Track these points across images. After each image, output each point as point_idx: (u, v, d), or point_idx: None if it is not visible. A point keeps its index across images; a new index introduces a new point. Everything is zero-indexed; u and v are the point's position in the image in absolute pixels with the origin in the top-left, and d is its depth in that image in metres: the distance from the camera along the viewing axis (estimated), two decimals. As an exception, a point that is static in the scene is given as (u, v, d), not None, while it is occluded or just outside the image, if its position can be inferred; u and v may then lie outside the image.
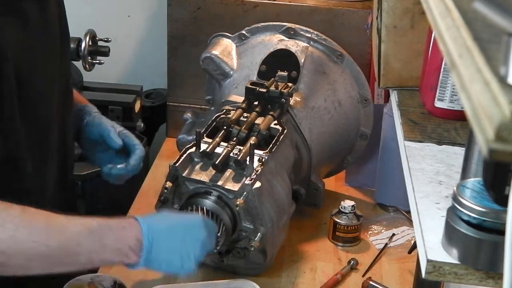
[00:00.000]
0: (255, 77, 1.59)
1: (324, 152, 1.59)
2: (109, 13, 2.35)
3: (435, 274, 0.77)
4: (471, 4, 0.60)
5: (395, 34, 1.20)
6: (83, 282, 1.23)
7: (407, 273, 1.47)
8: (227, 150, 1.34)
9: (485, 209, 0.74)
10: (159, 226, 1.14)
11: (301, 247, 1.54)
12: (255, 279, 1.37)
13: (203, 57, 1.64)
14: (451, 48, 0.59)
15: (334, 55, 1.62)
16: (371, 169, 1.74)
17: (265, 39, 1.65)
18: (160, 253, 1.13)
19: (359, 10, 1.82)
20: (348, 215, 1.55)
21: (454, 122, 1.10)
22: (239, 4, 1.85)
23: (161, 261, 1.13)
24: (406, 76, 1.23)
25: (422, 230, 0.82)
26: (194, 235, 1.18)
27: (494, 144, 0.48)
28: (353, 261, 1.48)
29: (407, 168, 0.98)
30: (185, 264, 1.15)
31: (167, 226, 1.16)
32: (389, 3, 1.17)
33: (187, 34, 1.91)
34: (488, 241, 0.74)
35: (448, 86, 1.09)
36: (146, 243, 1.11)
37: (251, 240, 1.34)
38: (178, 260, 1.15)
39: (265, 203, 1.33)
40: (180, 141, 1.63)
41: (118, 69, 2.40)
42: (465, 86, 0.53)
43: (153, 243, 1.11)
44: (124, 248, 1.09)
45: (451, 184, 0.91)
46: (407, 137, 1.06)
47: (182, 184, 1.35)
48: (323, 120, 1.57)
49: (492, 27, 0.56)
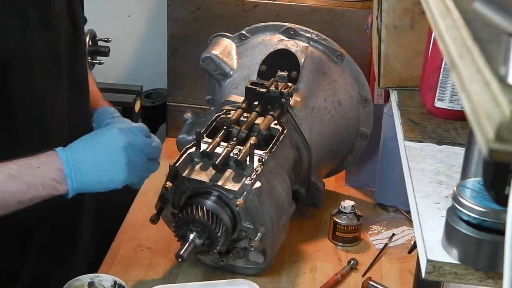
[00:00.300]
0: (255, 77, 1.59)
1: (324, 152, 1.59)
2: (109, 13, 2.35)
3: (435, 274, 0.77)
4: (471, 4, 0.60)
5: (395, 34, 1.19)
6: (83, 282, 1.23)
7: (407, 273, 1.47)
8: (227, 150, 1.34)
9: (485, 209, 0.74)
10: (78, 150, 1.16)
11: (301, 247, 1.54)
12: (255, 279, 1.37)
13: (203, 57, 1.64)
14: (451, 48, 0.59)
15: (334, 55, 1.62)
16: (371, 169, 1.74)
17: (265, 39, 1.65)
18: (87, 175, 1.15)
19: (359, 10, 1.82)
20: (348, 215, 1.55)
21: (454, 122, 1.10)
22: (239, 4, 1.85)
23: (92, 182, 1.16)
24: (406, 76, 1.23)
25: (422, 230, 0.82)
26: (113, 145, 1.17)
27: (494, 144, 0.48)
28: (353, 261, 1.48)
29: (407, 168, 0.98)
30: (118, 175, 1.17)
31: (85, 147, 1.17)
32: (389, 3, 1.17)
33: (187, 34, 1.91)
34: (488, 241, 0.74)
35: (448, 86, 1.09)
36: (68, 170, 1.13)
37: (251, 240, 1.34)
38: (108, 175, 1.16)
39: (265, 203, 1.33)
40: (180, 141, 1.63)
41: (118, 69, 2.40)
42: (465, 86, 0.53)
43: (75, 168, 1.14)
44: (48, 181, 1.12)
45: (451, 184, 0.91)
46: (407, 137, 1.06)
47: (182, 184, 1.35)
48: (323, 120, 1.57)
49: (492, 27, 0.56)
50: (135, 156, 1.19)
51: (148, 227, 1.50)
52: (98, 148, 1.17)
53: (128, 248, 1.51)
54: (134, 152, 1.18)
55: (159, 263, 1.46)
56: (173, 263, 1.44)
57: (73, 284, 1.22)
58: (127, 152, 1.17)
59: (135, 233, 1.56)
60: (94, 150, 1.17)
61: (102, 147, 1.17)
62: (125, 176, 1.18)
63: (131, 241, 1.53)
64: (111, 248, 1.51)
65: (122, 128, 1.20)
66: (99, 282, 1.24)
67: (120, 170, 1.17)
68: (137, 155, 1.19)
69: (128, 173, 1.18)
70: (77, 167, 1.14)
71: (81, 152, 1.16)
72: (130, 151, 1.18)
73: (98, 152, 1.17)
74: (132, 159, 1.18)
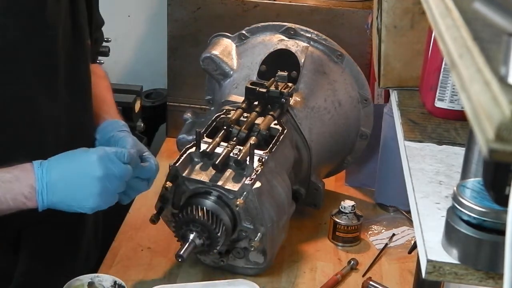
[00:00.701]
0: (255, 77, 1.59)
1: (324, 152, 1.59)
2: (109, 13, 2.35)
3: (435, 274, 0.77)
4: (471, 4, 0.60)
5: (395, 34, 1.19)
6: (83, 282, 1.23)
7: (407, 273, 1.47)
8: (227, 150, 1.34)
9: (485, 209, 0.74)
10: (55, 169, 1.14)
11: (301, 247, 1.54)
12: (255, 279, 1.37)
13: (203, 57, 1.64)
14: (451, 48, 0.59)
15: (334, 55, 1.62)
16: (371, 169, 1.74)
17: (265, 39, 1.65)
18: (58, 197, 1.13)
19: (359, 10, 1.82)
20: (348, 215, 1.55)
21: (454, 122, 1.10)
22: (239, 4, 1.85)
23: (62, 204, 1.14)
24: (406, 76, 1.23)
25: (422, 230, 0.82)
26: (89, 173, 1.14)
27: (494, 144, 0.48)
28: (353, 261, 1.48)
29: (407, 168, 0.98)
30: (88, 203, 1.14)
31: (62, 168, 1.15)
32: (389, 3, 1.17)
33: (187, 34, 1.91)
34: (488, 241, 0.74)
35: (448, 86, 1.09)
36: (40, 188, 1.12)
37: (251, 240, 1.34)
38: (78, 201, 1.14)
39: (265, 203, 1.33)
40: (180, 141, 1.63)
41: (118, 69, 2.40)
42: (465, 86, 0.53)
43: (47, 187, 1.12)
44: (18, 197, 1.11)
45: (451, 184, 0.91)
46: (407, 137, 1.06)
47: (182, 184, 1.35)
48: (323, 120, 1.57)
49: (492, 27, 0.56)
50: (111, 186, 1.15)
51: (148, 227, 1.50)
52: (74, 173, 1.14)
53: (128, 248, 1.51)
54: (111, 182, 1.15)
55: (159, 263, 1.46)
56: (173, 263, 1.44)
57: (73, 284, 1.22)
58: (102, 183, 1.14)
59: (135, 233, 1.56)
60: (70, 173, 1.14)
61: (78, 173, 1.14)
62: (96, 205, 1.15)
63: (131, 241, 1.53)
64: (111, 248, 1.51)
65: (102, 156, 1.15)
66: (99, 282, 1.24)
67: (91, 199, 1.14)
68: (114, 185, 1.16)
69: (100, 202, 1.15)
70: (49, 187, 1.12)
71: (56, 172, 1.13)
72: (107, 182, 1.14)
73: (73, 176, 1.14)
74: (107, 189, 1.15)
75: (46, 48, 1.21)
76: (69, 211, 1.16)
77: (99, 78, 1.48)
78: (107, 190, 1.15)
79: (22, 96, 1.18)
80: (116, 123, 1.37)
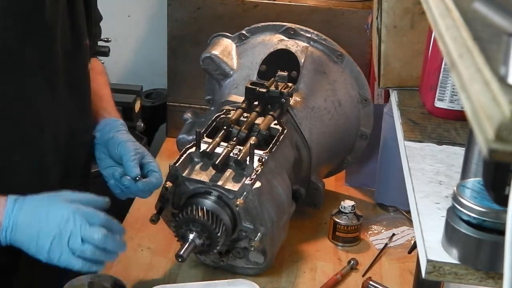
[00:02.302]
0: (255, 77, 1.59)
1: (324, 152, 1.59)
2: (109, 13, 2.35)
3: (435, 274, 0.77)
4: (471, 4, 0.60)
5: (395, 34, 1.19)
6: (83, 282, 1.23)
7: (407, 273, 1.47)
8: (227, 150, 1.34)
9: (485, 209, 0.74)
10: (27, 210, 1.11)
11: (301, 247, 1.54)
12: (255, 279, 1.37)
13: (203, 57, 1.64)
14: (451, 48, 0.59)
15: (334, 55, 1.62)
16: (371, 169, 1.74)
17: (265, 39, 1.65)
18: (21, 237, 1.10)
19: (359, 10, 1.82)
20: (348, 215, 1.55)
21: (454, 122, 1.10)
22: (239, 4, 1.85)
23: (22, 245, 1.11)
24: (406, 76, 1.23)
25: (422, 230, 0.82)
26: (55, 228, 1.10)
27: (494, 144, 0.48)
28: (353, 261, 1.48)
29: (407, 168, 0.98)
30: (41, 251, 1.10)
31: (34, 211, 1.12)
32: (389, 3, 1.17)
33: (187, 34, 1.91)
34: (488, 241, 0.74)
35: (448, 86, 1.09)
36: (6, 224, 1.10)
37: (251, 240, 1.34)
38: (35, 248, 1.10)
39: (265, 203, 1.33)
40: (180, 141, 1.63)
41: (118, 69, 2.40)
42: (465, 86, 0.53)
43: (14, 226, 1.10)
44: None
45: (451, 184, 0.91)
46: (407, 137, 1.06)
47: (182, 184, 1.35)
48: (323, 120, 1.57)
49: (492, 27, 0.56)
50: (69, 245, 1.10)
51: (148, 227, 1.50)
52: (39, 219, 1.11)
53: (128, 248, 1.50)
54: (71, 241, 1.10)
55: (159, 263, 1.46)
56: (173, 263, 1.44)
57: (73, 284, 1.22)
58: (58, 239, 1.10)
59: (135, 233, 1.56)
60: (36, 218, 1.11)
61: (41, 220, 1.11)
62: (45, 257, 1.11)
63: (131, 241, 1.53)
64: (111, 248, 1.51)
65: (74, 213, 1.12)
66: (99, 282, 1.24)
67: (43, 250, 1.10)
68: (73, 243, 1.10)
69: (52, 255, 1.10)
70: (14, 225, 1.10)
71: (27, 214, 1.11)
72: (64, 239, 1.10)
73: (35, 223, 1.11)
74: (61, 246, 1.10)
75: (45, 48, 1.20)
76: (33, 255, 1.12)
77: (97, 73, 1.47)
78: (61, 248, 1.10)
79: (22, 96, 1.18)
80: (114, 122, 1.37)
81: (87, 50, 1.33)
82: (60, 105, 1.25)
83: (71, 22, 1.26)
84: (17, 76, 1.17)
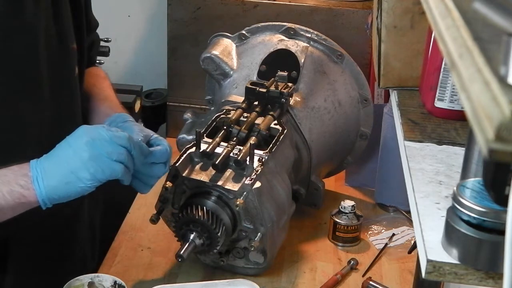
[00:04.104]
0: (255, 77, 1.59)
1: (324, 152, 1.59)
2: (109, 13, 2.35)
3: (435, 274, 0.77)
4: (471, 4, 0.60)
5: (395, 34, 1.19)
6: (83, 282, 1.23)
7: (407, 273, 1.47)
8: (227, 150, 1.34)
9: (485, 209, 0.74)
10: (47, 156, 1.11)
11: (301, 247, 1.54)
12: (255, 279, 1.37)
13: (203, 57, 1.64)
14: (451, 48, 0.59)
15: (334, 55, 1.62)
16: (371, 169, 1.74)
17: (265, 39, 1.65)
18: (53, 177, 1.09)
19: (359, 10, 1.82)
20: (348, 215, 1.55)
21: (454, 122, 1.10)
22: (239, 4, 1.85)
23: (59, 185, 1.09)
24: (406, 76, 1.23)
25: (422, 230, 0.82)
26: (75, 141, 1.11)
27: (494, 144, 0.48)
28: (353, 261, 1.48)
29: (407, 168, 0.98)
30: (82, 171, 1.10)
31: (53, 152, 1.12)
32: (389, 3, 1.17)
33: (187, 34, 1.91)
34: (488, 241, 0.74)
35: (448, 86, 1.09)
36: (34, 174, 1.09)
37: (251, 240, 1.34)
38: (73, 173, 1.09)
39: (265, 203, 1.33)
40: (180, 141, 1.63)
41: (118, 69, 2.40)
42: (465, 86, 0.53)
43: (42, 171, 1.09)
44: (14, 188, 1.08)
45: (451, 184, 0.91)
46: (407, 137, 1.06)
47: (182, 184, 1.35)
48: (323, 120, 1.57)
49: (492, 27, 0.56)
50: (101, 150, 1.11)
51: (148, 227, 1.50)
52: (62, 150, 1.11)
53: (128, 248, 1.51)
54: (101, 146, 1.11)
55: (159, 263, 1.46)
56: (173, 263, 1.44)
57: (73, 284, 1.22)
58: (90, 147, 1.10)
59: (135, 233, 1.56)
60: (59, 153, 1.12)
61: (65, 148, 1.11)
62: (91, 174, 1.10)
63: (131, 241, 1.53)
64: (111, 248, 1.51)
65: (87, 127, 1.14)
66: (99, 282, 1.24)
67: (84, 167, 1.10)
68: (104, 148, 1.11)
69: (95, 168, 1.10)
70: (43, 170, 1.09)
71: (48, 157, 1.11)
72: (96, 145, 1.11)
73: (61, 154, 1.11)
74: (98, 153, 1.10)
75: (27, 50, 1.18)
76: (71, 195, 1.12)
77: (101, 78, 1.48)
78: (99, 155, 1.10)
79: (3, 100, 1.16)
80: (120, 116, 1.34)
81: (74, 54, 1.30)
82: (45, 109, 1.23)
83: (56, 25, 1.24)
84: None
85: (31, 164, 1.10)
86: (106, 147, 1.11)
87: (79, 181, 1.10)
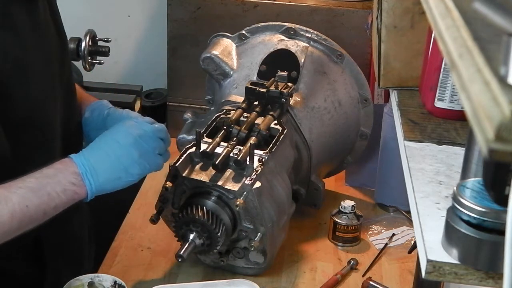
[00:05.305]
0: (255, 77, 1.59)
1: (324, 152, 1.59)
2: (109, 13, 2.35)
3: (435, 274, 0.77)
4: (471, 4, 0.60)
5: (395, 34, 1.19)
6: (83, 282, 1.23)
7: (407, 273, 1.47)
8: (227, 150, 1.34)
9: (485, 209, 0.74)
10: (91, 152, 1.17)
11: (301, 247, 1.54)
12: (255, 279, 1.37)
13: (203, 57, 1.64)
14: (451, 48, 0.59)
15: (334, 55, 1.62)
16: (371, 169, 1.74)
17: (265, 39, 1.65)
18: (104, 173, 1.16)
19: (359, 10, 1.82)
20: (348, 215, 1.55)
21: (454, 122, 1.10)
22: (239, 4, 1.85)
23: (110, 179, 1.17)
24: (406, 76, 1.23)
25: (422, 230, 0.82)
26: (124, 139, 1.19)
27: (494, 144, 0.48)
28: (353, 261, 1.48)
29: (407, 168, 0.98)
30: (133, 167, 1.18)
31: (97, 148, 1.18)
32: (389, 3, 1.17)
33: (187, 34, 1.91)
34: (488, 241, 0.74)
35: (448, 86, 1.09)
36: (83, 170, 1.14)
37: (251, 240, 1.34)
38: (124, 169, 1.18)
39: (265, 203, 1.33)
40: (180, 141, 1.63)
41: (118, 69, 2.40)
42: (465, 86, 0.53)
43: (90, 168, 1.15)
44: (67, 186, 1.13)
45: (451, 184, 0.91)
46: (407, 137, 1.06)
47: (182, 184, 1.35)
48: (323, 120, 1.57)
49: (492, 27, 0.56)
50: (147, 145, 1.20)
51: (148, 227, 1.50)
52: (110, 145, 1.18)
53: (128, 248, 1.51)
54: (146, 142, 1.20)
55: (159, 263, 1.46)
56: (173, 263, 1.44)
57: (73, 284, 1.22)
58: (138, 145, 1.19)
59: (135, 233, 1.56)
60: (107, 148, 1.18)
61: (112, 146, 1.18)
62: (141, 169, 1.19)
63: (131, 241, 1.53)
64: (111, 248, 1.51)
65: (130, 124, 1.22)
66: (99, 282, 1.24)
67: (136, 163, 1.18)
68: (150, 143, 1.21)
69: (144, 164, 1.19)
70: (92, 167, 1.15)
71: (94, 154, 1.17)
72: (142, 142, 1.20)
73: (111, 149, 1.18)
74: (145, 149, 1.20)
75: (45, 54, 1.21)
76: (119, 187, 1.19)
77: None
78: (146, 152, 1.20)
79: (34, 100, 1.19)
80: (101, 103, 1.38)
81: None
82: (58, 106, 1.26)
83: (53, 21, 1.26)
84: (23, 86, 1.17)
85: (76, 160, 1.15)
86: (151, 143, 1.21)
87: (129, 176, 1.19)
